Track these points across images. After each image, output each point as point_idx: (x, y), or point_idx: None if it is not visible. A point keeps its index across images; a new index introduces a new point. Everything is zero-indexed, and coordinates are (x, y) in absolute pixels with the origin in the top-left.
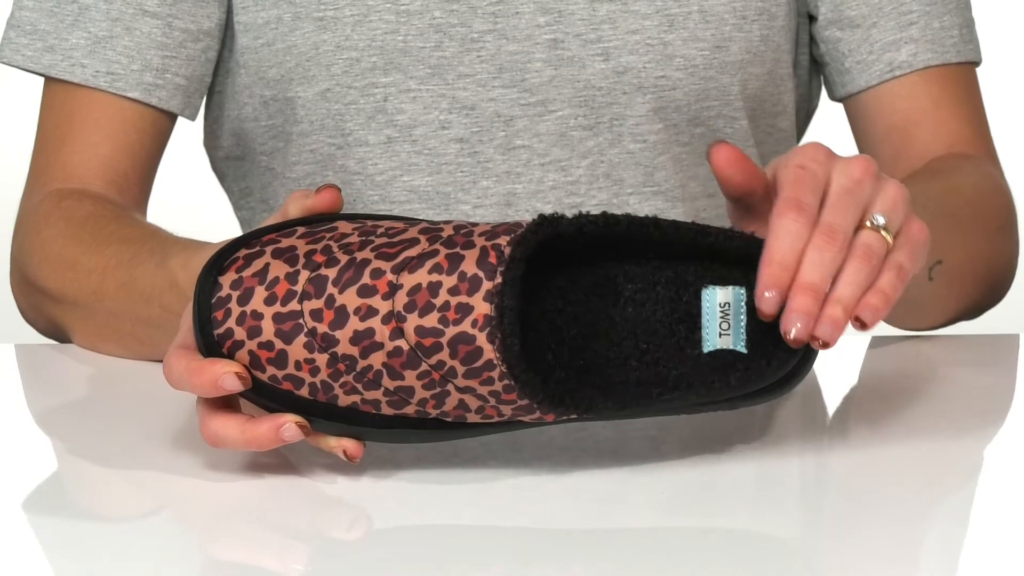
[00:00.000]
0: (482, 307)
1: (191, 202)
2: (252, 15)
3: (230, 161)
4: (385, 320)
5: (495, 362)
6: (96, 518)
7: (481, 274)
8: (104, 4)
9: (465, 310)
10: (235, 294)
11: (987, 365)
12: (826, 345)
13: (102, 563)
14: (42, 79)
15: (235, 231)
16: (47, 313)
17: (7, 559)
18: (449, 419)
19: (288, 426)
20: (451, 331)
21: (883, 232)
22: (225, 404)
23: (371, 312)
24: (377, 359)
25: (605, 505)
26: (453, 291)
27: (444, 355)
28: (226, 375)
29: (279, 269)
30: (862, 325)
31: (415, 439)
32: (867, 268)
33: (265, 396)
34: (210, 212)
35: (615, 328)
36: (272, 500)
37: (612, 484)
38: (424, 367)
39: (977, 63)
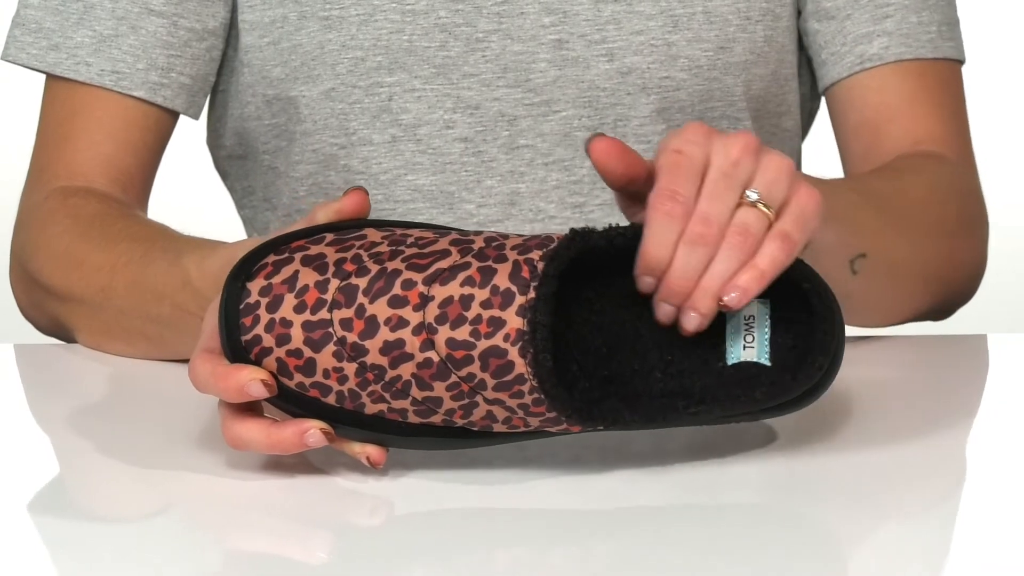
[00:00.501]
0: (515, 321)
1: (193, 201)
2: (258, 14)
3: (233, 160)
4: (416, 331)
5: (526, 376)
6: (103, 519)
7: (514, 288)
8: (110, 3)
9: (497, 324)
10: (264, 301)
11: (955, 365)
12: (695, 333)
13: (104, 563)
14: (42, 77)
15: (237, 230)
16: (50, 311)
17: (11, 563)
18: (475, 428)
19: (313, 432)
20: (482, 344)
21: (760, 206)
22: (248, 408)
23: (402, 323)
24: (407, 370)
25: (608, 502)
26: (485, 304)
27: (475, 368)
28: (252, 382)
29: (309, 277)
30: (726, 307)
31: (440, 447)
32: (741, 248)
33: (291, 402)
34: (212, 211)
35: (640, 339)
36: (291, 495)
37: (616, 483)
38: (454, 379)
39: (959, 61)
